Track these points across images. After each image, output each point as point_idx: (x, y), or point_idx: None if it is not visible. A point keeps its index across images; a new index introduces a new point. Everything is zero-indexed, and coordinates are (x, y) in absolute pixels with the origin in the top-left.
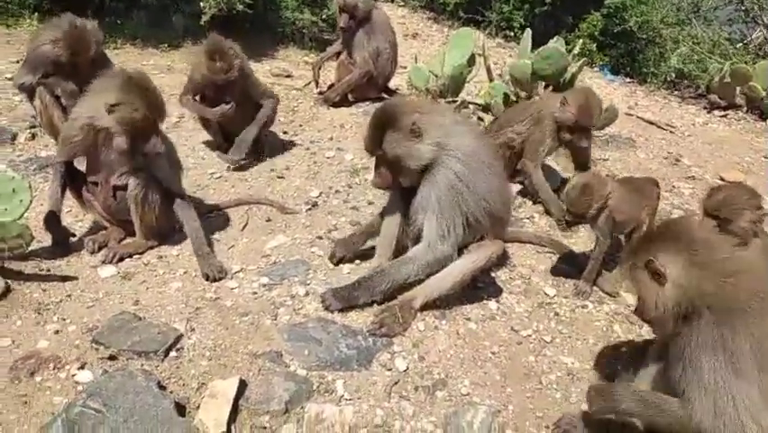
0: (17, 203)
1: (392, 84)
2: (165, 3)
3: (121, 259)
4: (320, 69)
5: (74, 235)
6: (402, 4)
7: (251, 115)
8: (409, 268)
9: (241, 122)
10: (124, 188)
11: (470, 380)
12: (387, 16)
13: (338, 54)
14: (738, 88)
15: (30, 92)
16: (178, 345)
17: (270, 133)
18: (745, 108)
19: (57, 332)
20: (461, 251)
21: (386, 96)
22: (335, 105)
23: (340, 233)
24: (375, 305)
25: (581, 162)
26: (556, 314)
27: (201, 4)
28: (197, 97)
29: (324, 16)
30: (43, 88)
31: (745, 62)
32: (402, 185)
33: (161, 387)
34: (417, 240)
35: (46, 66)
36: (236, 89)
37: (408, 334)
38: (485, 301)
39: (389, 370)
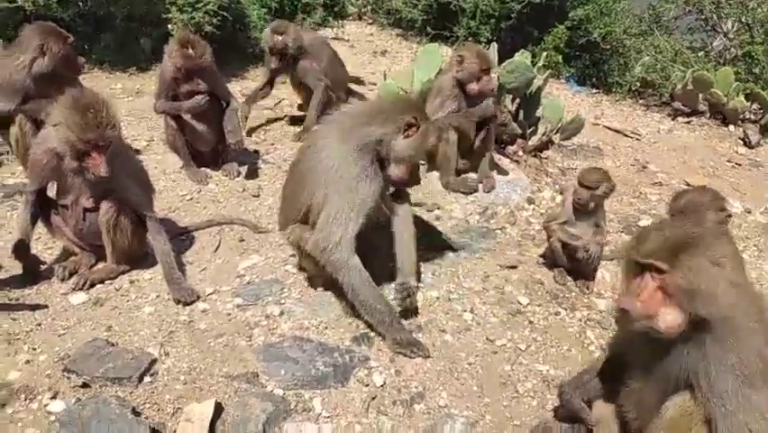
0: None
1: None
2: (132, 26)
3: (92, 285)
4: (249, 111)
5: (44, 263)
6: (371, 22)
7: (218, 128)
8: None
9: (207, 134)
10: (95, 210)
11: (447, 392)
12: (321, 38)
13: (265, 95)
14: (701, 95)
15: (6, 120)
16: (153, 370)
17: (242, 152)
18: (707, 114)
19: (28, 362)
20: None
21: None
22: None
23: None
24: (348, 316)
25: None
26: (530, 322)
27: (168, 26)
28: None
29: None
30: (23, 115)
31: (707, 69)
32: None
33: (136, 413)
34: None
35: (26, 88)
36: (205, 82)
37: (384, 349)
38: (459, 313)
39: (367, 386)
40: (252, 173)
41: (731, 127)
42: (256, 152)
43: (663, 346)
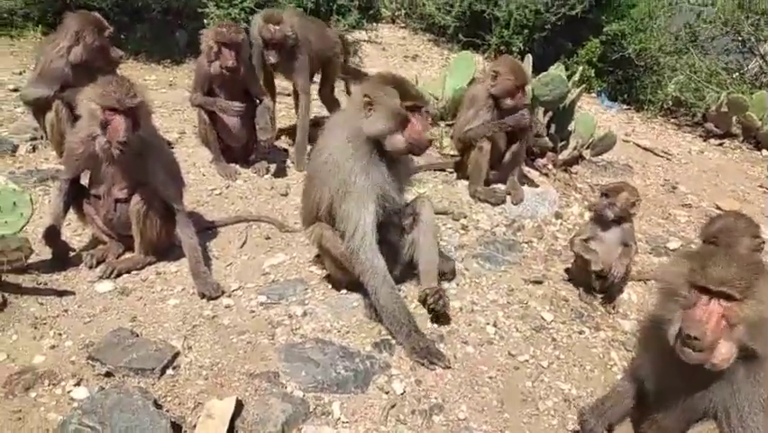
0: (18, 216)
1: None
2: (168, 18)
3: (119, 274)
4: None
5: (73, 250)
6: (403, 26)
7: (249, 125)
8: None
9: (239, 130)
10: (126, 200)
11: (467, 405)
12: (300, 15)
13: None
14: (735, 117)
15: (43, 106)
16: (175, 363)
17: (272, 151)
18: (741, 137)
19: (53, 347)
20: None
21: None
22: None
23: None
24: (371, 321)
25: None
26: (553, 339)
27: (204, 20)
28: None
29: None
30: (61, 102)
31: (742, 92)
32: None
33: (158, 406)
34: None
35: (64, 75)
36: (239, 77)
37: (405, 357)
38: (482, 326)
39: (386, 393)
40: (281, 172)
41: (764, 152)
42: (285, 150)
43: (693, 378)
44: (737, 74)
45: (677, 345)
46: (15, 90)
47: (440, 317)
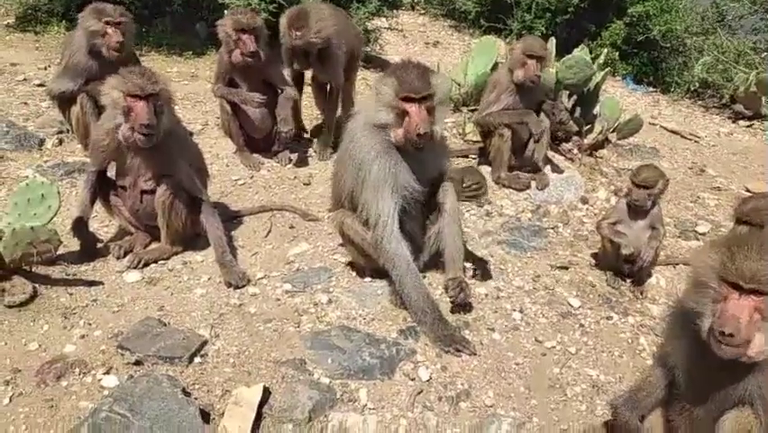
0: (46, 208)
1: None
2: (189, 11)
3: (146, 264)
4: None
5: (101, 241)
6: (423, 12)
7: (272, 116)
8: None
9: (261, 121)
10: (152, 192)
11: (493, 391)
12: (333, 12)
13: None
14: (764, 98)
15: (68, 100)
16: (203, 352)
17: (295, 140)
18: None
19: (83, 337)
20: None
21: None
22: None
23: None
24: (396, 308)
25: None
26: (581, 325)
27: (225, 12)
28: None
29: None
30: (85, 95)
31: None
32: None
33: (186, 393)
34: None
35: (88, 69)
36: (260, 64)
37: (431, 344)
38: (508, 312)
39: (413, 380)
40: (304, 161)
41: None
42: (309, 140)
43: (725, 368)
44: (766, 53)
45: (711, 340)
46: (41, 85)
47: (461, 307)
